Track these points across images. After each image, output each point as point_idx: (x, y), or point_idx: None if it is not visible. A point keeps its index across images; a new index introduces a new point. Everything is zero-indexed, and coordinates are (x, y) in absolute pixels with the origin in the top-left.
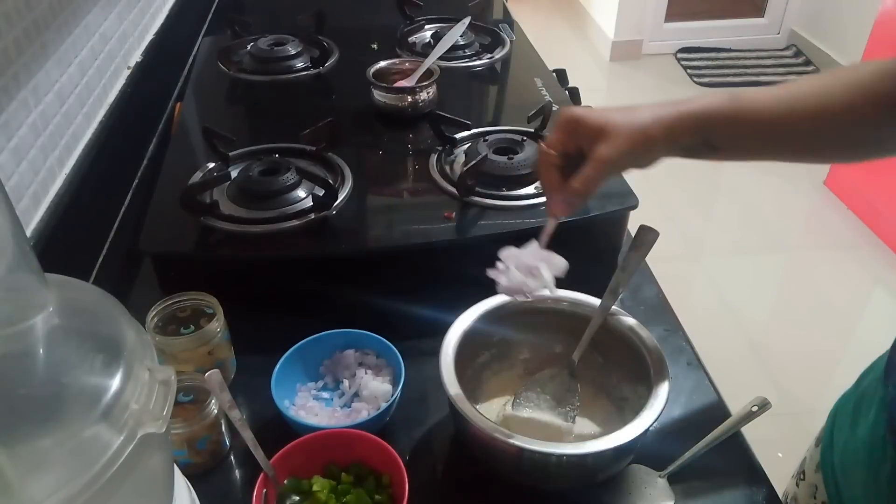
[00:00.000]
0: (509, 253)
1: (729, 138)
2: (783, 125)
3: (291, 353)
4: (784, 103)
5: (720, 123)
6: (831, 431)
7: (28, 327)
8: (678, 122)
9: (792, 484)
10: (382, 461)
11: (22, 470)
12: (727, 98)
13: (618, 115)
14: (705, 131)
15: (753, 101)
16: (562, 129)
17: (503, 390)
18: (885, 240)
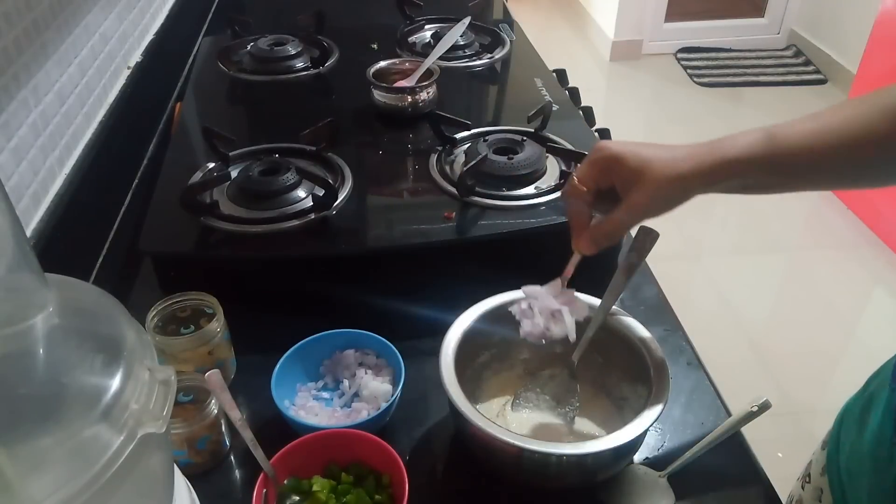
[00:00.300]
0: (532, 291)
1: (766, 179)
2: (822, 161)
3: (291, 353)
4: (821, 138)
5: (758, 168)
6: (838, 435)
7: (28, 327)
8: (717, 170)
9: (797, 487)
10: (382, 461)
11: (22, 470)
12: (763, 139)
13: (656, 158)
14: (743, 176)
15: (789, 139)
16: (597, 166)
17: (503, 390)
18: (885, 240)
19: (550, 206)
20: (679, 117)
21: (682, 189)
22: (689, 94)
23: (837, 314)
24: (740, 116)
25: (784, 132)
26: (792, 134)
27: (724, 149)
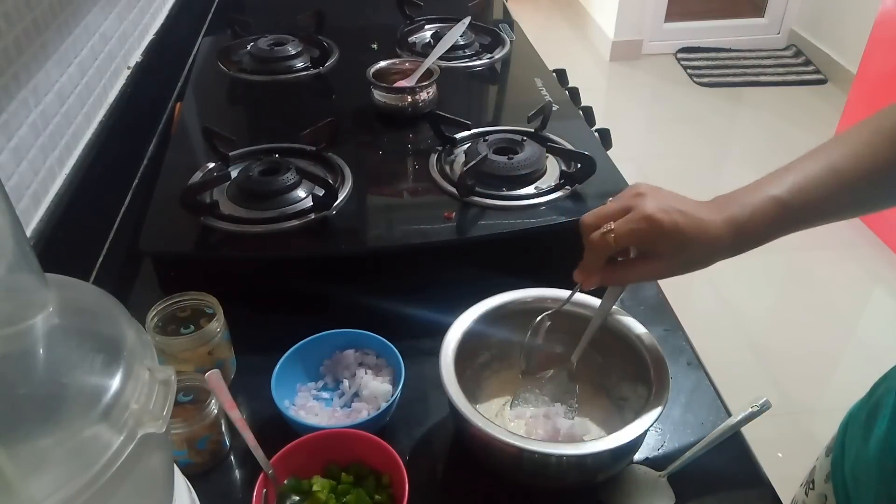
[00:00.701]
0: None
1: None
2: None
3: (291, 353)
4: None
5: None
6: (843, 441)
7: (28, 327)
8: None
9: (801, 493)
10: (382, 461)
11: (22, 470)
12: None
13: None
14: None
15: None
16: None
17: (503, 390)
18: (885, 240)
19: (550, 206)
20: (679, 117)
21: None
22: (689, 94)
23: (837, 314)
24: (740, 116)
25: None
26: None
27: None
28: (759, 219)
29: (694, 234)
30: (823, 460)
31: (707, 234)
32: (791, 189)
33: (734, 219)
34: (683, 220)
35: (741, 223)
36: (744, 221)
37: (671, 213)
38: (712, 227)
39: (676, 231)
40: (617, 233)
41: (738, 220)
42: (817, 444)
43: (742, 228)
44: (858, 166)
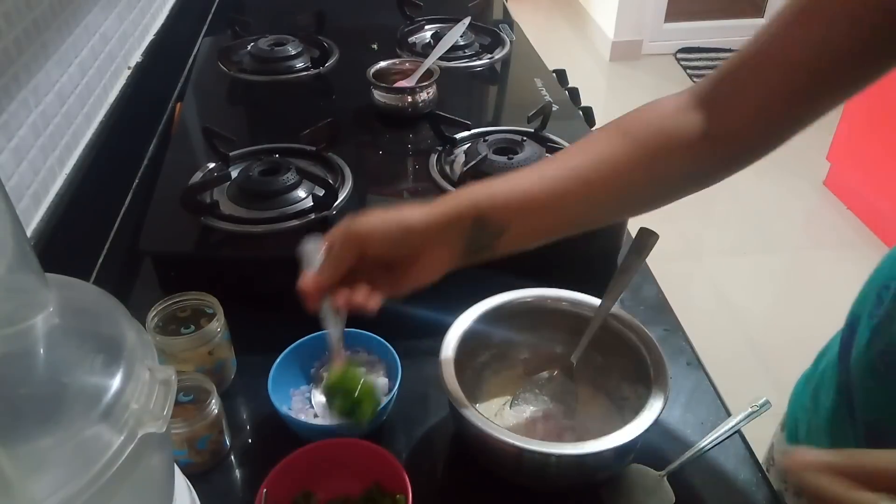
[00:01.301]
0: None
1: (503, 220)
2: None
3: (282, 360)
4: (556, 173)
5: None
6: (794, 414)
7: (28, 327)
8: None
9: None
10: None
11: (22, 470)
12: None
13: (382, 213)
14: (477, 216)
15: (517, 179)
16: (346, 254)
17: (503, 390)
18: (885, 240)
19: None
20: None
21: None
22: None
23: (837, 314)
24: None
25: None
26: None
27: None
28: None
29: (385, 212)
30: (779, 435)
31: (406, 210)
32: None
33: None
34: (379, 215)
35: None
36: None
37: (364, 219)
38: (422, 210)
39: (361, 218)
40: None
41: (451, 200)
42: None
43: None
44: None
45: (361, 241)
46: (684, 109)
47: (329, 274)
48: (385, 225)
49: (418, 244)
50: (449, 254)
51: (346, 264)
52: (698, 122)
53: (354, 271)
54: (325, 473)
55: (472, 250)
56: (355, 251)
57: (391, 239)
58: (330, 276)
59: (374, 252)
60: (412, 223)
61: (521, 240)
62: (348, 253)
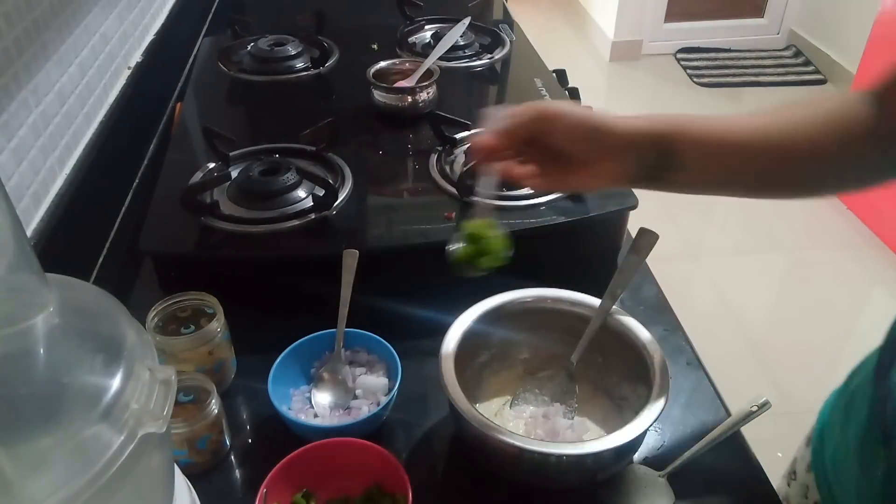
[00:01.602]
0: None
1: (688, 158)
2: (745, 149)
3: (282, 360)
4: (747, 128)
5: (686, 137)
6: (821, 431)
7: (28, 327)
8: (648, 130)
9: (783, 484)
10: (383, 469)
11: (22, 470)
12: (694, 116)
13: (573, 106)
14: (668, 146)
15: (714, 122)
16: (529, 125)
17: (503, 390)
18: (885, 240)
19: (550, 206)
20: None
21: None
22: (689, 94)
23: (837, 314)
24: None
25: (708, 118)
26: (717, 119)
27: (657, 117)
28: (661, 115)
29: (576, 107)
30: (804, 451)
31: (597, 112)
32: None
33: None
34: (573, 107)
35: (654, 116)
36: (657, 116)
37: (559, 103)
38: (616, 118)
39: (556, 103)
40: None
41: (650, 115)
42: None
43: (653, 118)
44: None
45: (548, 121)
46: (862, 101)
47: (505, 136)
48: (576, 116)
49: (599, 150)
50: (622, 171)
51: (524, 132)
52: (871, 116)
53: (525, 152)
54: (325, 473)
55: (645, 176)
56: (538, 127)
57: (577, 132)
58: (505, 139)
59: (554, 138)
60: (603, 127)
61: (694, 184)
62: (531, 125)
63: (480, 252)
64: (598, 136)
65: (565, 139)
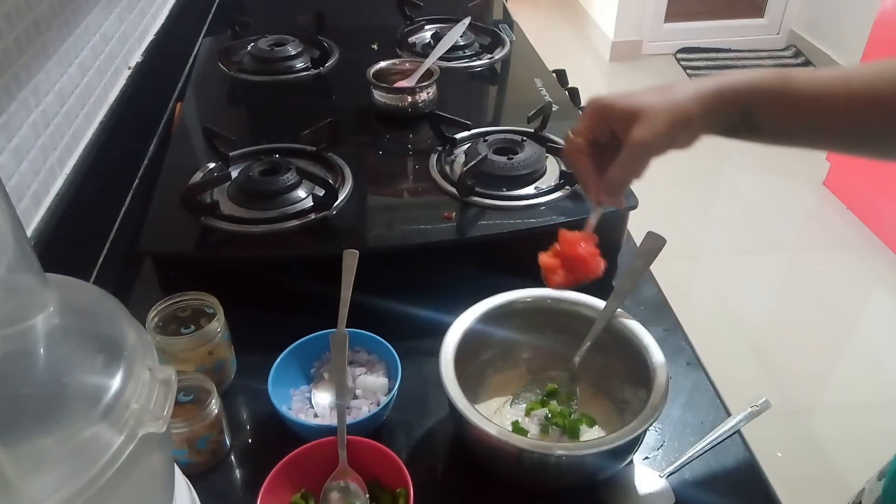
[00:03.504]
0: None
1: (773, 116)
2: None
3: (282, 360)
4: (839, 82)
5: (764, 99)
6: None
7: (28, 327)
8: (718, 98)
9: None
10: (386, 467)
11: (22, 470)
12: (774, 73)
13: (651, 96)
14: (747, 108)
15: (803, 78)
16: (590, 117)
17: (504, 389)
18: (885, 240)
19: (550, 206)
20: None
21: (683, 121)
22: None
23: (837, 314)
24: None
25: (799, 72)
26: (808, 73)
27: (730, 77)
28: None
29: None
30: (875, 483)
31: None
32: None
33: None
34: (633, 94)
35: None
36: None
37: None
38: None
39: (629, 95)
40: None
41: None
42: (817, 444)
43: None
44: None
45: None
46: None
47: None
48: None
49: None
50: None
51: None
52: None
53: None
54: (325, 473)
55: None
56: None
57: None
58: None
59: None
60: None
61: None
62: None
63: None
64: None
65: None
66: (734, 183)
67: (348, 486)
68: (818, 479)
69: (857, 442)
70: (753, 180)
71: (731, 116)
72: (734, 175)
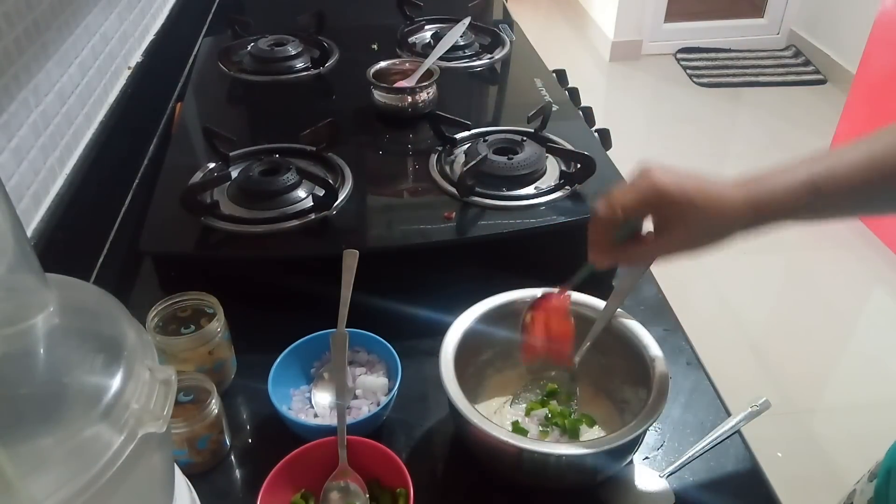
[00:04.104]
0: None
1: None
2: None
3: (282, 360)
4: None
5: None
6: (889, 470)
7: (29, 327)
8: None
9: None
10: (385, 467)
11: (22, 470)
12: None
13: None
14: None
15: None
16: (643, 200)
17: (504, 389)
18: (884, 240)
19: (550, 206)
20: (679, 117)
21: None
22: (689, 94)
23: (837, 314)
24: (740, 117)
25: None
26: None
27: (765, 197)
28: (787, 199)
29: (704, 201)
30: (866, 485)
31: (721, 202)
32: (823, 172)
33: (755, 197)
34: (692, 187)
35: (764, 201)
36: (767, 199)
37: (679, 180)
38: (727, 197)
39: (684, 196)
40: (625, 202)
41: (761, 198)
42: (817, 443)
43: (764, 207)
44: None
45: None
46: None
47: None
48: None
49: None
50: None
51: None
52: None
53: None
54: (325, 473)
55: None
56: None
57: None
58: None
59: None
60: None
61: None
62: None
63: None
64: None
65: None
66: None
67: (348, 486)
68: (818, 479)
69: (857, 442)
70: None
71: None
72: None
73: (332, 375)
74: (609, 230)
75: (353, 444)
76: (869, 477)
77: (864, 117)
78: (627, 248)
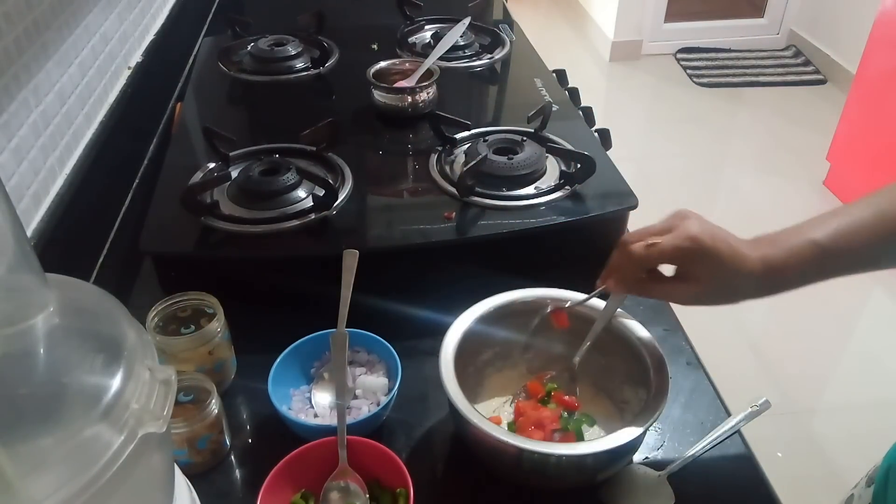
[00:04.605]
0: None
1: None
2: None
3: (282, 360)
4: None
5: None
6: (886, 474)
7: (28, 327)
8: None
9: None
10: (385, 467)
11: (22, 470)
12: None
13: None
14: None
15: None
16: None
17: (504, 389)
18: None
19: (550, 206)
20: (679, 117)
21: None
22: (689, 94)
23: (837, 314)
24: (740, 116)
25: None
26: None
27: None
28: (795, 261)
29: (731, 263)
30: (864, 490)
31: (743, 266)
32: (832, 234)
33: (768, 258)
34: (724, 248)
35: (775, 263)
36: (779, 262)
37: (715, 239)
38: (748, 261)
39: (717, 256)
40: (662, 247)
41: (773, 260)
42: (817, 444)
43: (775, 269)
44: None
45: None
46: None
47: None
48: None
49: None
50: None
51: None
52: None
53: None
54: (325, 473)
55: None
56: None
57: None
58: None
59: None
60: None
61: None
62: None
63: None
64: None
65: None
66: (734, 183)
67: (348, 486)
68: (818, 479)
69: (857, 442)
70: (753, 180)
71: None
72: (734, 175)
73: (332, 375)
74: (636, 268)
75: (353, 444)
76: (867, 482)
77: (864, 117)
78: (646, 284)
